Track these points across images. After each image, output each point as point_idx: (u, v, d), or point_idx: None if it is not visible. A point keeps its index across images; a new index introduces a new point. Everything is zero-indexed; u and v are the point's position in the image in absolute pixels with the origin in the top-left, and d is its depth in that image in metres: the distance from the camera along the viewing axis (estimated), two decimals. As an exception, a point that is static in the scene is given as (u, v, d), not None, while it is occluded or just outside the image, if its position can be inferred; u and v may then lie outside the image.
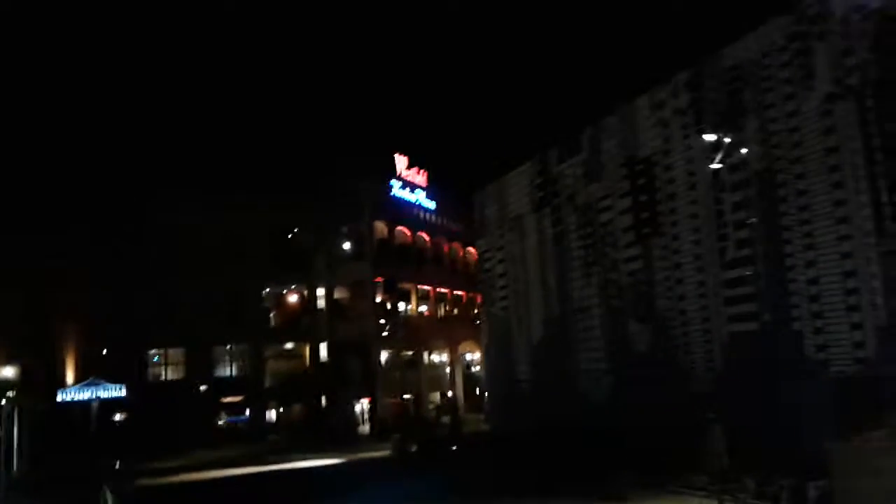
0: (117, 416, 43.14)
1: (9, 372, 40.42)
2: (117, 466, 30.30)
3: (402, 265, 54.49)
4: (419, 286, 57.92)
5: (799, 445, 18.92)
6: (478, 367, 62.18)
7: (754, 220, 22.03)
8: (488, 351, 39.98)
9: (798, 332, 20.85)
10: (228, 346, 51.54)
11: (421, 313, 58.06)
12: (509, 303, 36.67)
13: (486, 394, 43.27)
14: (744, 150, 21.74)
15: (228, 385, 49.96)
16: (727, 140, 22.11)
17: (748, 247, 22.75)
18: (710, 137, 22.09)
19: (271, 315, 54.83)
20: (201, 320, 48.48)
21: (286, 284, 54.93)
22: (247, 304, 51.61)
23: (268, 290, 54.05)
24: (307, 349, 53.69)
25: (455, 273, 62.67)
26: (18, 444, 30.97)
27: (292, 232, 54.50)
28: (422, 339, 55.50)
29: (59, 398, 34.15)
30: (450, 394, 59.56)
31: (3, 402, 30.79)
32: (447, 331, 59.43)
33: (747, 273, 22.13)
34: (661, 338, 26.09)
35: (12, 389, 34.13)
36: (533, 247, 34.60)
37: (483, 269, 39.91)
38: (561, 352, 31.69)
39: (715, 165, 22.14)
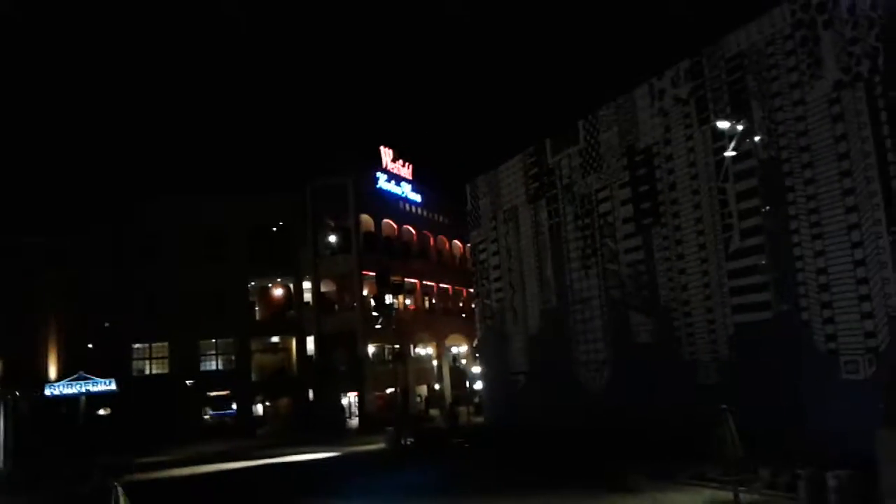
0: (102, 411, 42.41)
1: (-10, 367, 39.48)
2: (112, 463, 29.72)
3: (388, 258, 54.00)
4: (406, 279, 57.50)
5: (809, 435, 18.92)
6: (465, 361, 61.98)
7: (768, 208, 21.89)
8: (482, 343, 39.73)
9: (807, 322, 20.78)
10: (214, 340, 50.86)
11: (407, 306, 57.65)
12: (504, 294, 36.42)
13: (480, 386, 42.98)
14: (756, 139, 21.53)
15: (215, 379, 49.34)
16: (734, 128, 21.94)
17: (754, 236, 22.64)
18: (721, 125, 21.86)
19: (256, 309, 54.24)
20: (186, 314, 47.96)
21: (271, 278, 54.34)
22: (231, 297, 51.04)
23: (252, 283, 53.42)
24: (294, 343, 53.15)
25: (441, 266, 62.36)
26: (4, 440, 30.12)
27: (277, 225, 53.88)
28: (409, 333, 55.07)
29: (47, 392, 33.32)
30: (437, 387, 59.29)
31: (-12, 397, 30.00)
32: (434, 324, 59.13)
33: (761, 262, 21.97)
34: (663, 329, 25.96)
35: (-4, 384, 33.35)
36: (528, 238, 34.37)
37: (477, 261, 39.63)
38: (559, 343, 31.51)
39: (728, 154, 21.96)
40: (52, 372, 43.20)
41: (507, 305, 36.19)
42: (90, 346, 44.90)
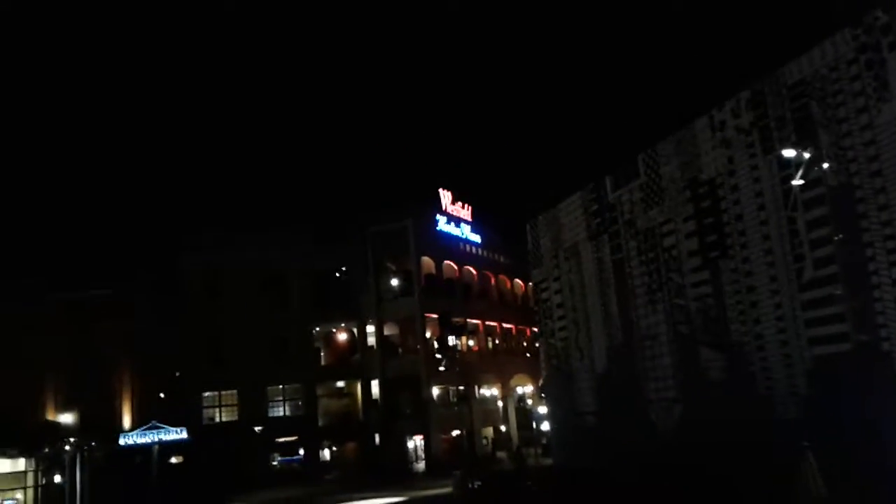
0: (174, 460, 43.16)
1: (68, 418, 40.64)
2: None
3: (450, 299, 54.08)
4: (468, 320, 57.41)
5: (892, 473, 18.01)
6: (530, 401, 61.17)
7: (841, 236, 21.22)
8: (548, 382, 39.20)
9: (888, 353, 19.90)
10: (281, 386, 51.52)
11: (470, 347, 57.46)
12: (568, 333, 35.97)
13: (546, 427, 42.32)
14: (825, 166, 20.96)
15: (282, 425, 49.90)
16: (801, 156, 21.43)
17: (828, 266, 21.91)
18: (787, 153, 21.37)
19: (321, 354, 54.82)
20: (252, 361, 48.83)
21: (335, 323, 54.99)
22: (296, 343, 51.84)
23: (317, 329, 54.12)
24: (359, 387, 53.47)
25: (503, 306, 62.12)
26: (81, 489, 30.84)
27: (339, 270, 54.65)
28: (472, 374, 54.85)
29: (121, 442, 34.14)
30: (503, 428, 58.60)
31: (67, 447, 30.84)
32: (498, 365, 58.72)
33: (836, 292, 21.23)
34: (736, 364, 25.18)
35: (73, 435, 34.28)
36: (591, 275, 33.98)
37: (539, 300, 39.31)
38: (627, 381, 30.84)
39: (796, 182, 21.41)
40: (126, 422, 44.28)
41: (571, 344, 35.70)
42: (161, 395, 46.02)
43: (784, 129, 23.57)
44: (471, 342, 57.58)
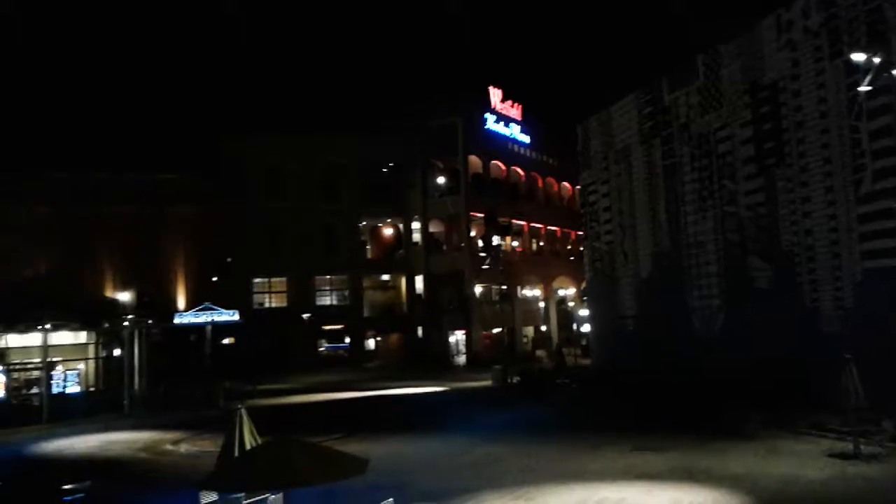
0: (226, 341, 45.06)
1: (126, 297, 42.47)
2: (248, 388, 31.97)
3: (496, 199, 54.05)
4: (513, 220, 57.49)
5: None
6: (572, 303, 61.79)
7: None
8: (590, 285, 39.43)
9: (943, 270, 19.48)
10: (328, 277, 52.81)
11: (514, 248, 57.74)
12: (614, 237, 35.85)
13: (586, 329, 42.87)
14: (894, 72, 19.91)
15: (329, 313, 51.46)
16: (870, 62, 20.35)
17: (888, 178, 21.20)
18: (856, 58, 20.30)
19: (368, 247, 55.73)
20: (302, 251, 49.97)
21: (382, 217, 55.56)
22: (344, 236, 52.74)
23: (364, 222, 54.83)
24: (403, 281, 54.49)
25: (549, 208, 61.85)
26: (139, 364, 32.48)
27: (388, 165, 54.77)
28: (516, 274, 55.29)
29: (176, 321, 35.66)
30: (543, 328, 59.53)
31: (125, 323, 32.29)
32: (541, 266, 59.07)
33: (894, 206, 20.63)
34: (784, 274, 24.92)
35: (131, 313, 35.83)
36: (641, 179, 33.49)
37: (586, 203, 39.05)
38: (671, 287, 30.83)
39: (863, 89, 20.43)
40: (181, 303, 46.16)
41: (616, 248, 35.63)
42: (214, 279, 47.66)
43: (854, 33, 22.38)
44: (515, 243, 57.79)
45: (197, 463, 17.85)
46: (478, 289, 52.96)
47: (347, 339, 52.39)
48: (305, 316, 49.08)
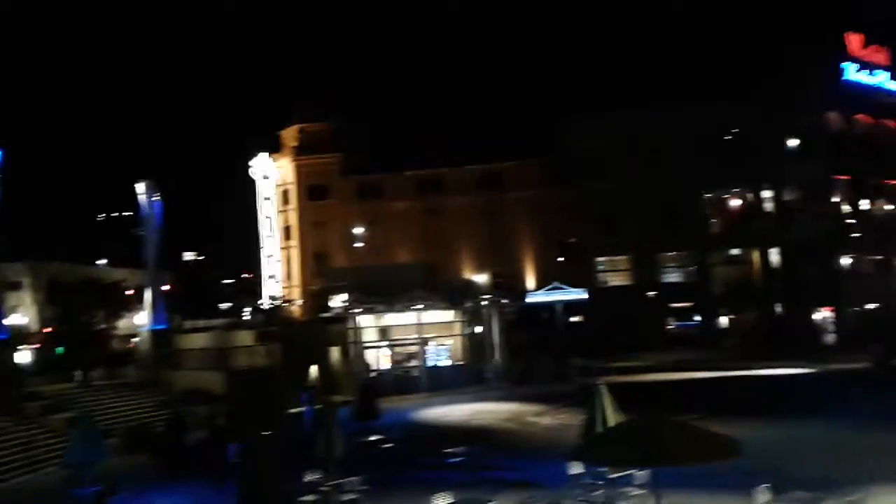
0: (572, 319, 46.36)
1: (481, 278, 45.93)
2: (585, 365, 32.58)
3: (863, 159, 48.00)
4: (886, 181, 50.60)
5: None
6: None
7: None
8: None
9: None
10: (671, 253, 51.49)
11: (888, 212, 50.78)
12: None
13: None
14: None
15: (675, 291, 50.23)
16: None
17: None
18: None
19: (712, 221, 53.06)
20: (641, 228, 49.33)
21: (725, 188, 52.45)
22: (685, 210, 50.83)
23: (707, 195, 52.31)
24: (755, 255, 51.01)
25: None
26: (498, 339, 34.87)
27: (725, 132, 51.49)
28: (892, 241, 48.75)
29: (528, 300, 37.62)
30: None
31: (484, 303, 34.91)
32: (925, 231, 51.08)
33: None
34: None
35: (486, 293, 38.62)
36: None
37: None
38: None
39: None
40: (530, 283, 48.62)
41: None
42: (559, 259, 49.41)
43: None
44: (889, 206, 50.75)
45: (559, 435, 18.67)
46: (846, 260, 47.65)
47: (697, 317, 50.58)
48: (650, 294, 48.45)
